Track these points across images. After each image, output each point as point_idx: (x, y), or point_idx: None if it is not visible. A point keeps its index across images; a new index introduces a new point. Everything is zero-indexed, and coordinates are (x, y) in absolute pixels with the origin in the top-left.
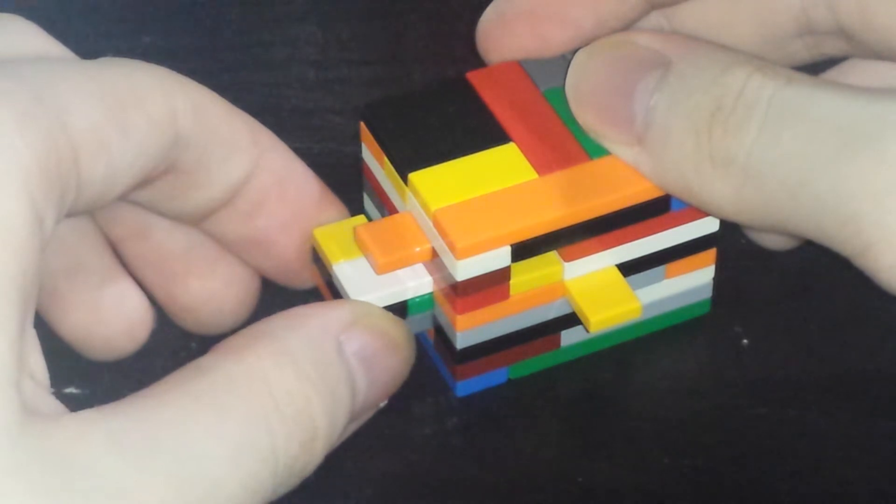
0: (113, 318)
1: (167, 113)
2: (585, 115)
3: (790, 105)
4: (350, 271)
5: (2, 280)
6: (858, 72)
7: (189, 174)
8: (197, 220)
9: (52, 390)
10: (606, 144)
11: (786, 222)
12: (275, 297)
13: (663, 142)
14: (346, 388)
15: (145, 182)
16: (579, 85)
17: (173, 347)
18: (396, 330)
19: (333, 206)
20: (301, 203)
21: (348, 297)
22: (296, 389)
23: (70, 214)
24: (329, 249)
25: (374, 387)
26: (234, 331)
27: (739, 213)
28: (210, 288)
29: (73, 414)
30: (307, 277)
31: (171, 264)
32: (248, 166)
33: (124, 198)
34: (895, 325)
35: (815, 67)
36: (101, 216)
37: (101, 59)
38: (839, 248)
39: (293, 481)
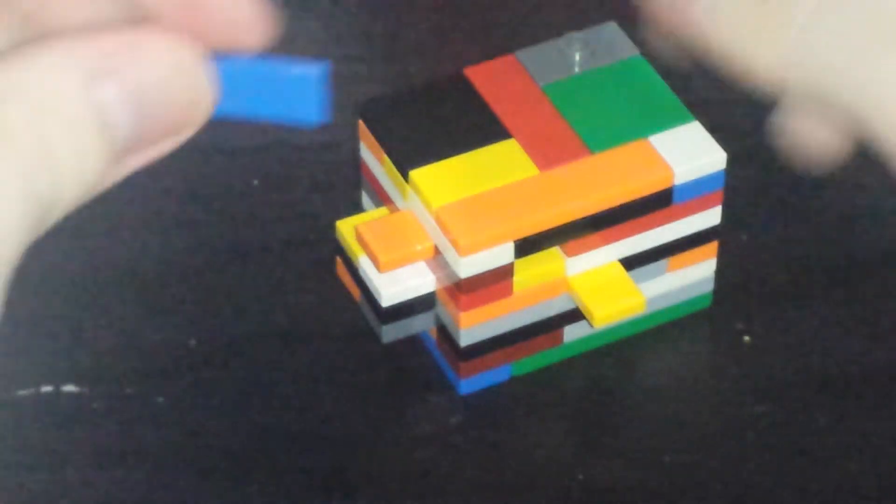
0: None
1: None
2: None
3: None
4: None
5: None
6: None
7: None
8: None
9: (51, 388)
10: None
11: (827, 96)
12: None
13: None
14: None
15: None
16: None
17: (173, 347)
18: (182, 52)
19: None
20: None
21: (377, 291)
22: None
23: None
24: (354, 242)
25: (151, 118)
26: None
27: (784, 80)
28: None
29: None
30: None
31: None
32: None
33: None
34: (895, 324)
35: None
36: None
37: None
38: (871, 131)
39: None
